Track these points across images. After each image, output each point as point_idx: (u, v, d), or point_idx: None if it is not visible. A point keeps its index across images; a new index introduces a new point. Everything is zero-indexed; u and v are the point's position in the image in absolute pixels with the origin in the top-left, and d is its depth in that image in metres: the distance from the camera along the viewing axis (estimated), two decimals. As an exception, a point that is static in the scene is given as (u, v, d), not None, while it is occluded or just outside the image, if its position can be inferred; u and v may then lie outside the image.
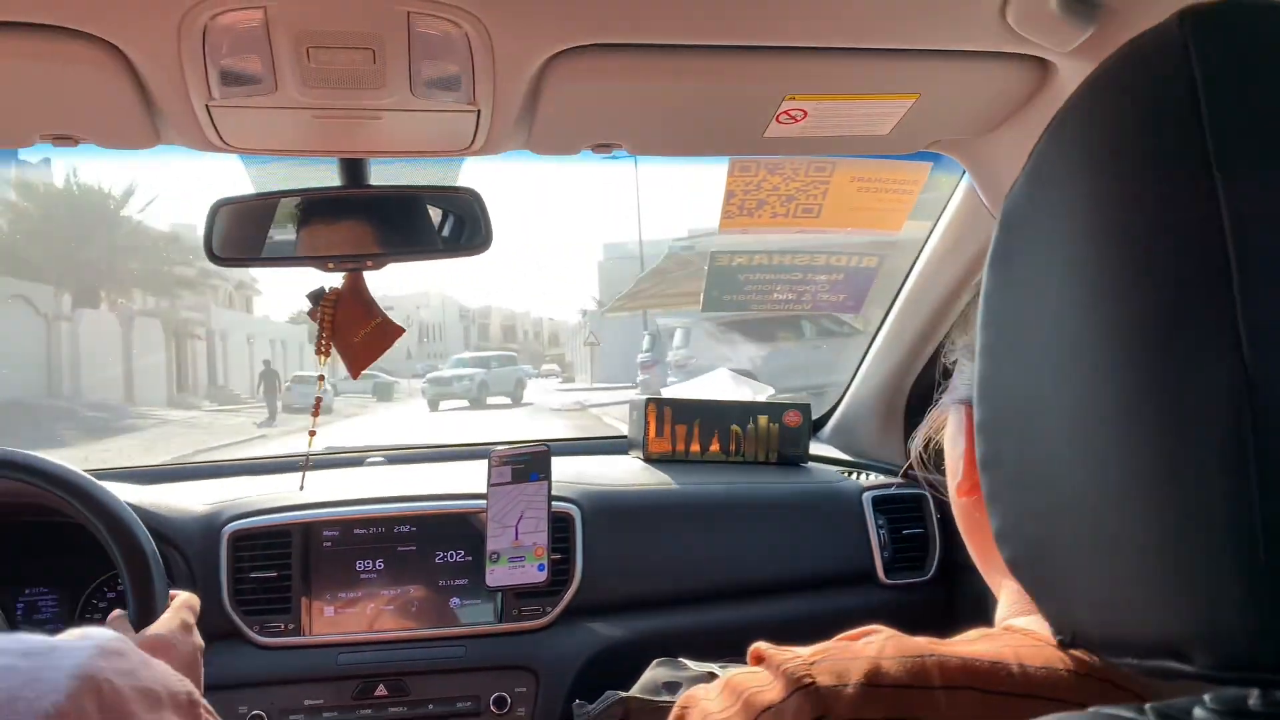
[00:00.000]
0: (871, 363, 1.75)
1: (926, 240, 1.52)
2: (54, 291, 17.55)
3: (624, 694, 1.02)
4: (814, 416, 1.84)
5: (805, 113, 1.01)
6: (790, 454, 1.76)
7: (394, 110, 0.95)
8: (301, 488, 1.45)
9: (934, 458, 0.81)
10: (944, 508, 1.64)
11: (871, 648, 0.60)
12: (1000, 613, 0.69)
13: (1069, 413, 0.43)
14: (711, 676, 0.99)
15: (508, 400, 20.86)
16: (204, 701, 0.50)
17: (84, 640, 0.49)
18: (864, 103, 1.01)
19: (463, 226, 1.23)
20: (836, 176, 1.35)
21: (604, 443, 1.96)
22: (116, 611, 1.06)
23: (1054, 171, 0.46)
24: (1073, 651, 0.56)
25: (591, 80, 0.92)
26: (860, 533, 1.58)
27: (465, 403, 20.08)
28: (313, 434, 1.35)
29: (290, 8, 0.77)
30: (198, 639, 1.01)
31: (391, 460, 1.80)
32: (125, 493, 1.33)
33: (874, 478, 1.71)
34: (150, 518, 1.36)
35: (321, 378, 1.28)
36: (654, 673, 1.09)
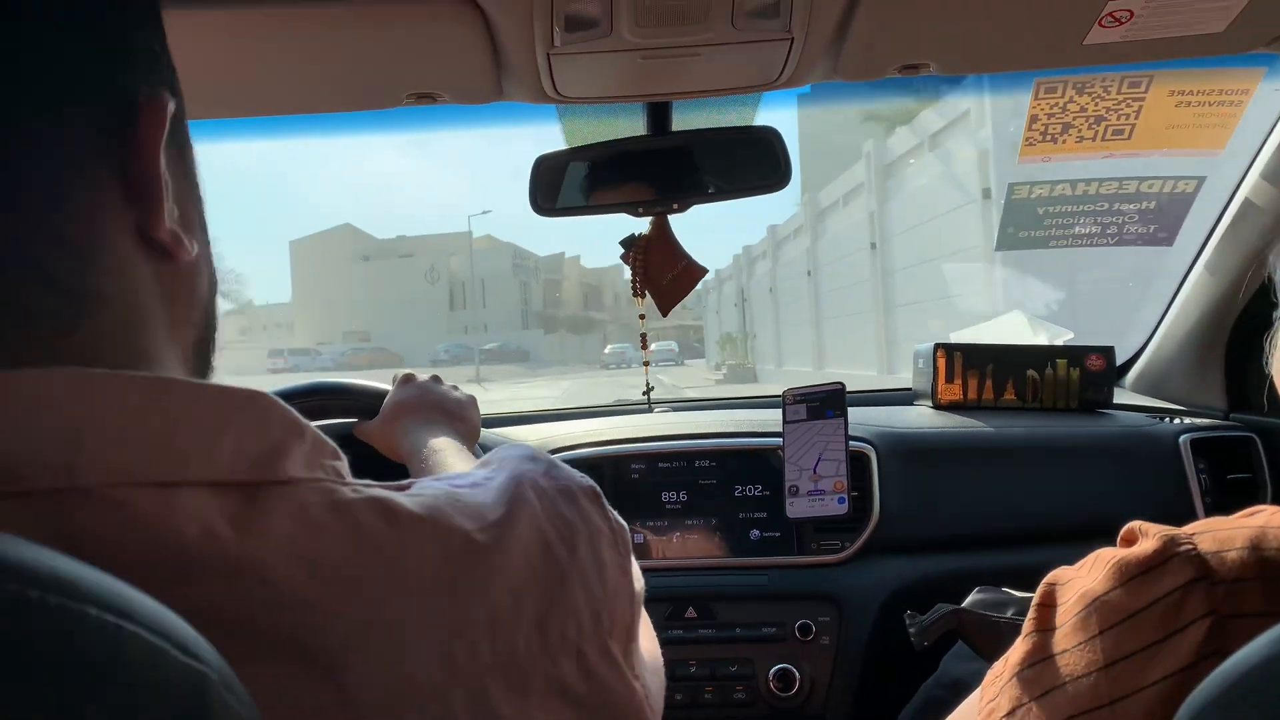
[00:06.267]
0: (1186, 298, 1.62)
1: (1254, 159, 1.39)
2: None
3: (955, 606, 1.02)
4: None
5: (1131, 13, 0.96)
6: (1093, 400, 1.67)
7: (711, 45, 1.00)
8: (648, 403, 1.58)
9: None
10: (1276, 451, 1.51)
11: (1258, 519, 0.58)
12: None
13: None
14: None
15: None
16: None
17: (510, 449, 0.55)
18: (1200, -7, 0.95)
19: (759, 164, 1.27)
20: (1153, 92, 1.27)
21: (887, 394, 1.95)
22: (355, 422, 1.19)
23: None
24: None
25: None
26: (1178, 478, 1.48)
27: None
28: (647, 365, 1.47)
29: None
30: (427, 381, 1.15)
31: (676, 409, 1.88)
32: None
33: (1189, 422, 1.59)
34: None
35: (643, 316, 1.37)
36: (979, 596, 1.08)
